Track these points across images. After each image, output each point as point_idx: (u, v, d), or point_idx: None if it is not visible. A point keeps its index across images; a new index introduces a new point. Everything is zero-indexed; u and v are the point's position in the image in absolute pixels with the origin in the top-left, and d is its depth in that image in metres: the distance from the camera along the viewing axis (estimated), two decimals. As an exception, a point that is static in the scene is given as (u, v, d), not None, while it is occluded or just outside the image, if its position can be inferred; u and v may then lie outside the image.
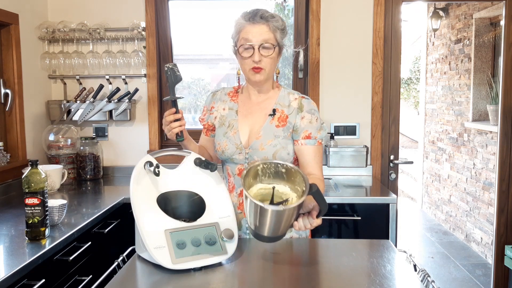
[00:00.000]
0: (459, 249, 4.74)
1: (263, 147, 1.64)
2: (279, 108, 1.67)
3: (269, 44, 1.58)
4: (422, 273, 1.41)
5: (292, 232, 1.70)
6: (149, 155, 1.53)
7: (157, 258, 1.35)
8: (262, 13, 1.58)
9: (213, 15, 3.43)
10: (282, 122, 1.65)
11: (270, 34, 1.58)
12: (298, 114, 1.65)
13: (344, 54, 2.95)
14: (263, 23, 1.57)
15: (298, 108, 1.66)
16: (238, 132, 1.69)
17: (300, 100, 1.67)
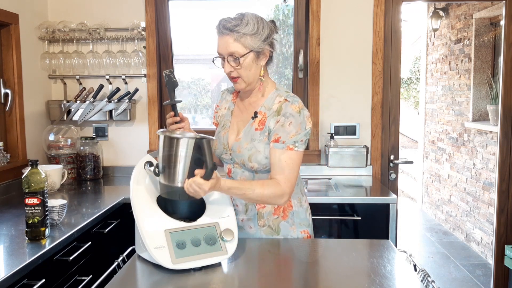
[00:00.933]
0: (459, 249, 4.74)
1: (240, 149, 1.64)
2: (262, 111, 1.65)
3: (236, 55, 1.55)
4: (422, 273, 1.41)
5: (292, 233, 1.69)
6: (149, 155, 1.53)
7: (157, 258, 1.35)
8: (224, 24, 1.55)
9: (213, 15, 3.43)
10: (261, 125, 1.63)
11: (236, 44, 1.54)
12: (274, 117, 1.61)
13: (344, 54, 2.95)
14: (227, 33, 1.55)
15: (276, 111, 1.61)
16: (228, 132, 1.72)
17: (282, 104, 1.61)
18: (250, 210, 1.68)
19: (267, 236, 1.68)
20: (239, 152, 1.64)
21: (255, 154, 1.61)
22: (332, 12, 2.92)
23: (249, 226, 1.69)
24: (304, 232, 1.71)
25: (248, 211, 1.69)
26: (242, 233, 1.68)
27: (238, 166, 1.67)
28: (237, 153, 1.64)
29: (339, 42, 2.94)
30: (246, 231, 1.70)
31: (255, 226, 1.68)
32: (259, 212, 1.67)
